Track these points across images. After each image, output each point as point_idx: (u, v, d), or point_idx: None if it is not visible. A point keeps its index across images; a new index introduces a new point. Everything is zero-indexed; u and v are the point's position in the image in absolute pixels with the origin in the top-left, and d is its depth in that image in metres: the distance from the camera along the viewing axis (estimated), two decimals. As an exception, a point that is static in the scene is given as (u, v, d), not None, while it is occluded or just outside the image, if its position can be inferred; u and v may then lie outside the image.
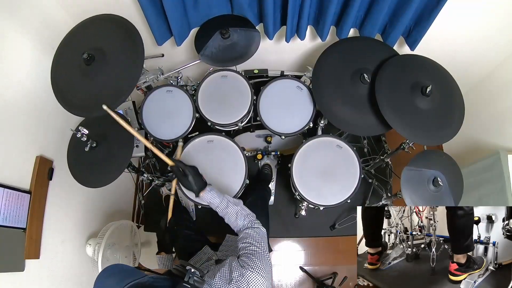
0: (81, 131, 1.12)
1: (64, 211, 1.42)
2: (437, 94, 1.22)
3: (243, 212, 1.03)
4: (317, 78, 1.35)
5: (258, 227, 0.99)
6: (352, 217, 1.82)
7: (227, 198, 1.06)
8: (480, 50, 1.53)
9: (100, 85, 1.10)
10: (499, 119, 1.65)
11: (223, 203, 1.04)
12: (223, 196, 1.06)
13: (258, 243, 0.93)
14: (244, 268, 0.84)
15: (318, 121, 1.59)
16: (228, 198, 1.06)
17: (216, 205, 1.05)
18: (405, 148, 1.44)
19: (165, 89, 1.47)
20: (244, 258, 0.88)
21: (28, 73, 1.23)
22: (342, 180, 1.32)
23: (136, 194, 2.19)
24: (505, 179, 1.39)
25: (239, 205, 1.06)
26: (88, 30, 1.20)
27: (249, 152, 1.92)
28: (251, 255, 0.89)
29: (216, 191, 1.07)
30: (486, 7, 1.29)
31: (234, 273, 0.83)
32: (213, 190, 1.06)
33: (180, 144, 1.38)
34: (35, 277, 1.20)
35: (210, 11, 1.39)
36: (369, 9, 1.31)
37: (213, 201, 1.05)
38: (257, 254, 0.89)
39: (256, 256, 0.89)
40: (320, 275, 2.01)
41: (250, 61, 1.41)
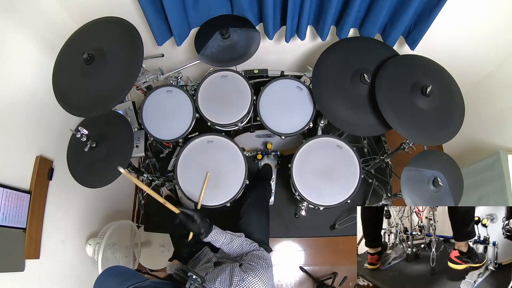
0: (81, 131, 1.12)
1: (64, 211, 1.42)
2: (437, 94, 1.22)
3: (247, 242, 1.09)
4: (317, 78, 1.35)
5: (262, 250, 1.05)
6: (352, 217, 1.81)
7: (229, 233, 1.10)
8: (480, 50, 1.53)
9: (99, 85, 1.10)
10: (499, 119, 1.65)
11: (227, 239, 1.08)
12: (225, 233, 1.10)
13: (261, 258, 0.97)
14: (246, 273, 0.85)
15: (318, 121, 1.59)
16: (230, 233, 1.10)
17: (221, 242, 1.08)
18: (405, 148, 1.44)
19: (165, 89, 1.47)
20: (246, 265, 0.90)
21: (28, 74, 1.23)
22: (342, 180, 1.32)
23: (136, 194, 2.19)
24: (505, 179, 1.39)
25: (241, 237, 1.11)
26: (89, 31, 1.21)
27: (249, 152, 1.92)
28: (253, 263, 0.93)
29: (219, 229, 1.09)
30: (485, 7, 1.29)
31: (235, 278, 0.84)
32: (216, 228, 1.08)
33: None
34: (35, 277, 1.20)
35: (210, 11, 1.39)
36: (369, 9, 1.31)
37: (218, 238, 1.07)
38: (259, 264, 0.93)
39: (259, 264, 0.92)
40: (320, 275, 2.01)
41: (250, 61, 1.41)
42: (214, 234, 1.06)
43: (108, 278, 0.84)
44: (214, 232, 1.06)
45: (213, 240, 1.07)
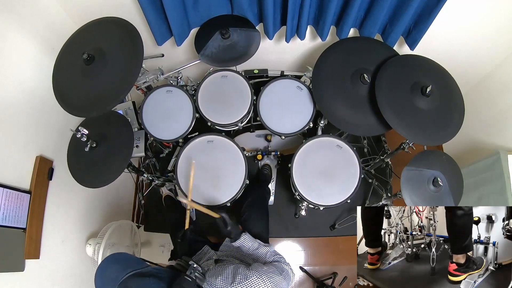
0: (81, 131, 1.12)
1: (64, 211, 1.42)
2: (437, 94, 1.22)
3: (274, 252, 1.10)
4: (317, 78, 1.35)
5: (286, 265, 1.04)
6: (352, 217, 1.81)
7: (257, 241, 1.13)
8: (480, 50, 1.53)
9: (99, 85, 1.10)
10: (499, 119, 1.65)
11: (254, 245, 1.11)
12: (254, 240, 1.13)
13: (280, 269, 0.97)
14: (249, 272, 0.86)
15: (318, 121, 1.59)
16: (258, 241, 1.13)
17: (248, 247, 1.11)
18: (405, 148, 1.44)
19: (165, 89, 1.47)
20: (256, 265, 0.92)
21: (28, 74, 1.23)
22: (342, 180, 1.32)
23: (136, 194, 2.19)
24: (505, 179, 1.39)
25: (270, 247, 1.12)
26: (89, 31, 1.21)
27: (249, 152, 1.92)
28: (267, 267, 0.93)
29: (248, 235, 1.13)
30: (485, 7, 1.29)
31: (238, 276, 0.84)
32: (246, 234, 1.13)
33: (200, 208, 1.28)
34: (35, 277, 1.20)
35: (210, 11, 1.39)
36: (369, 9, 1.31)
37: (245, 244, 1.11)
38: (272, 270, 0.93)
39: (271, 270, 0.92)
40: (320, 275, 2.01)
41: (250, 61, 1.41)
42: (243, 240, 1.11)
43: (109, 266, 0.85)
44: (243, 238, 1.11)
45: (241, 245, 1.11)
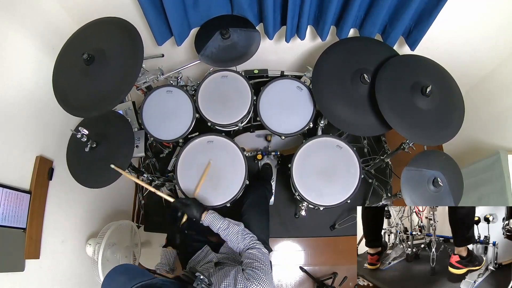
0: (81, 131, 1.12)
1: (64, 211, 1.42)
2: (437, 94, 1.22)
3: (244, 232, 1.10)
4: (317, 78, 1.35)
5: (260, 248, 1.05)
6: (352, 217, 1.81)
7: (227, 220, 1.14)
8: (480, 50, 1.53)
9: (99, 85, 1.10)
10: (499, 119, 1.65)
11: (224, 224, 1.11)
12: (223, 219, 1.14)
13: (262, 261, 0.98)
14: (249, 281, 0.87)
15: (318, 121, 1.59)
16: (228, 220, 1.14)
17: (218, 226, 1.11)
18: (405, 148, 1.44)
19: (165, 89, 1.47)
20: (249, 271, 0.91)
21: (28, 74, 1.23)
22: (342, 180, 1.32)
23: (136, 194, 2.19)
24: (505, 179, 1.39)
25: (240, 226, 1.13)
26: (89, 31, 1.21)
27: (249, 152, 1.92)
28: (256, 269, 0.94)
29: (217, 214, 1.14)
30: (485, 7, 1.29)
31: (238, 285, 0.86)
32: (214, 213, 1.14)
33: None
34: (35, 277, 1.20)
35: (210, 11, 1.39)
36: (369, 9, 1.31)
37: (215, 223, 1.12)
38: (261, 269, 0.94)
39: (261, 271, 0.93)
40: (320, 275, 2.01)
41: (250, 61, 1.41)
42: (212, 218, 1.12)
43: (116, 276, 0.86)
44: (211, 216, 1.12)
45: (210, 224, 1.12)
